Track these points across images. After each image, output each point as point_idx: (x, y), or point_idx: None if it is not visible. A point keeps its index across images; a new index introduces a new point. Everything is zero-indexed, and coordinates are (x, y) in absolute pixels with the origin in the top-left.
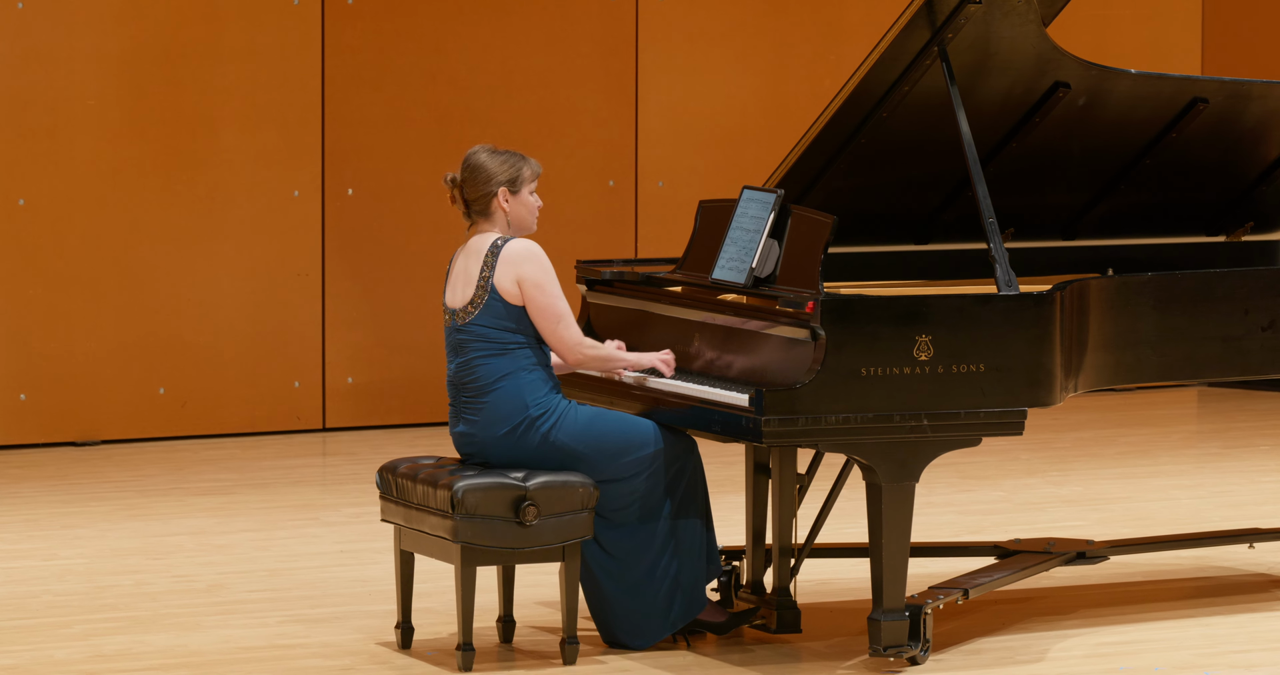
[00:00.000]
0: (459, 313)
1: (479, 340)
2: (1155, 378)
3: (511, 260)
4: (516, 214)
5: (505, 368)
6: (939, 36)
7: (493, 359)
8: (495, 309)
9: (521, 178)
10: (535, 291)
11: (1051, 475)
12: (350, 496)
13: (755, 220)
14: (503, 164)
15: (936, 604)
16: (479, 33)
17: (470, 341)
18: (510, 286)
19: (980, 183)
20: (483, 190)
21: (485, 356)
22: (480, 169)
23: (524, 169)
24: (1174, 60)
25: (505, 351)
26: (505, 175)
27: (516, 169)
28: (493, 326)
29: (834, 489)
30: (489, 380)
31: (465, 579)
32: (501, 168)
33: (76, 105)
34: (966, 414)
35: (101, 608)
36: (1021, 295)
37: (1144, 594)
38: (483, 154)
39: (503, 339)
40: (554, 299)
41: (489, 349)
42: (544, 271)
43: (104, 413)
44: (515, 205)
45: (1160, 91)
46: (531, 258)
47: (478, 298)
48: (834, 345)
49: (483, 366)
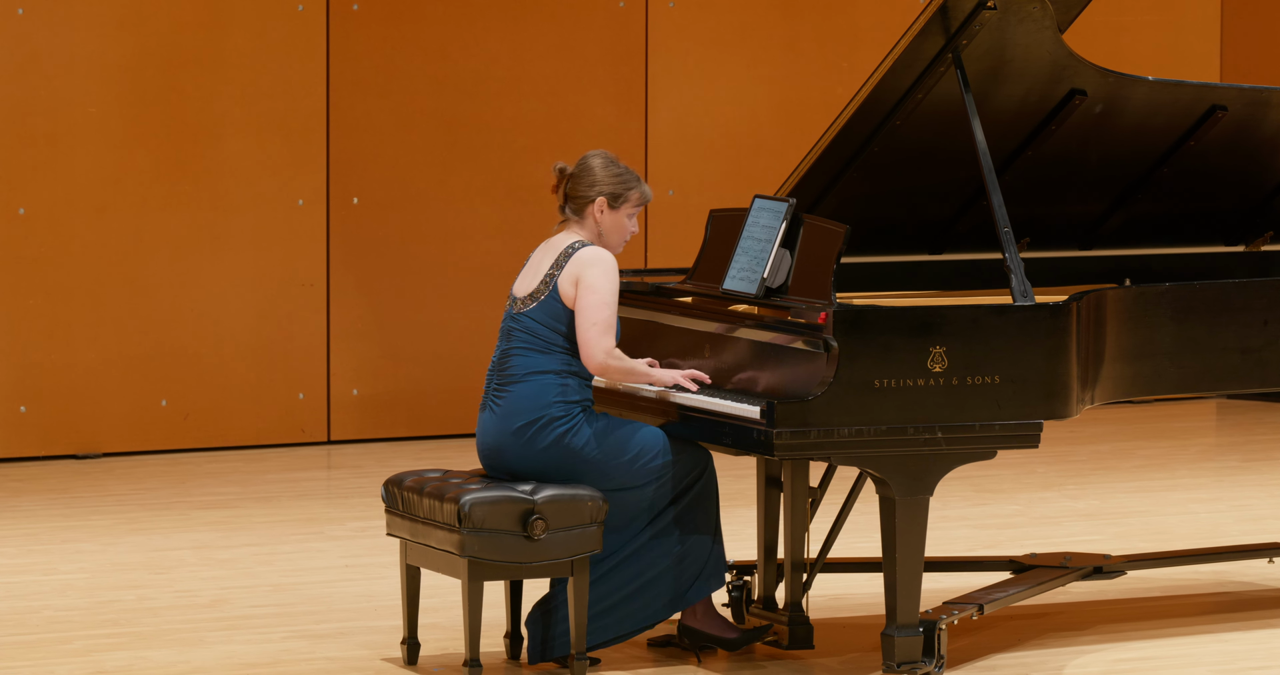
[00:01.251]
0: (519, 301)
1: (526, 333)
2: (1173, 390)
3: (580, 263)
4: (608, 229)
5: (542, 365)
6: (953, 43)
7: (533, 353)
8: (551, 308)
9: (626, 197)
10: (586, 292)
11: (1068, 489)
12: (355, 510)
13: (767, 230)
14: (614, 176)
15: (951, 620)
16: (487, 39)
17: (519, 332)
18: (569, 289)
19: (995, 191)
20: (584, 192)
21: (526, 349)
22: (590, 172)
23: (632, 190)
24: (1192, 67)
25: (547, 350)
26: (610, 188)
27: (625, 186)
28: (544, 323)
29: (847, 503)
30: (522, 371)
31: (472, 594)
32: (611, 179)
33: (77, 112)
34: (981, 426)
35: (103, 623)
36: (1037, 306)
37: (1162, 610)
38: (599, 158)
39: (549, 337)
40: (601, 304)
41: (533, 343)
42: (606, 278)
43: (105, 425)
44: (609, 219)
45: (1178, 99)
46: (598, 263)
47: (539, 292)
48: (847, 356)
49: (520, 357)
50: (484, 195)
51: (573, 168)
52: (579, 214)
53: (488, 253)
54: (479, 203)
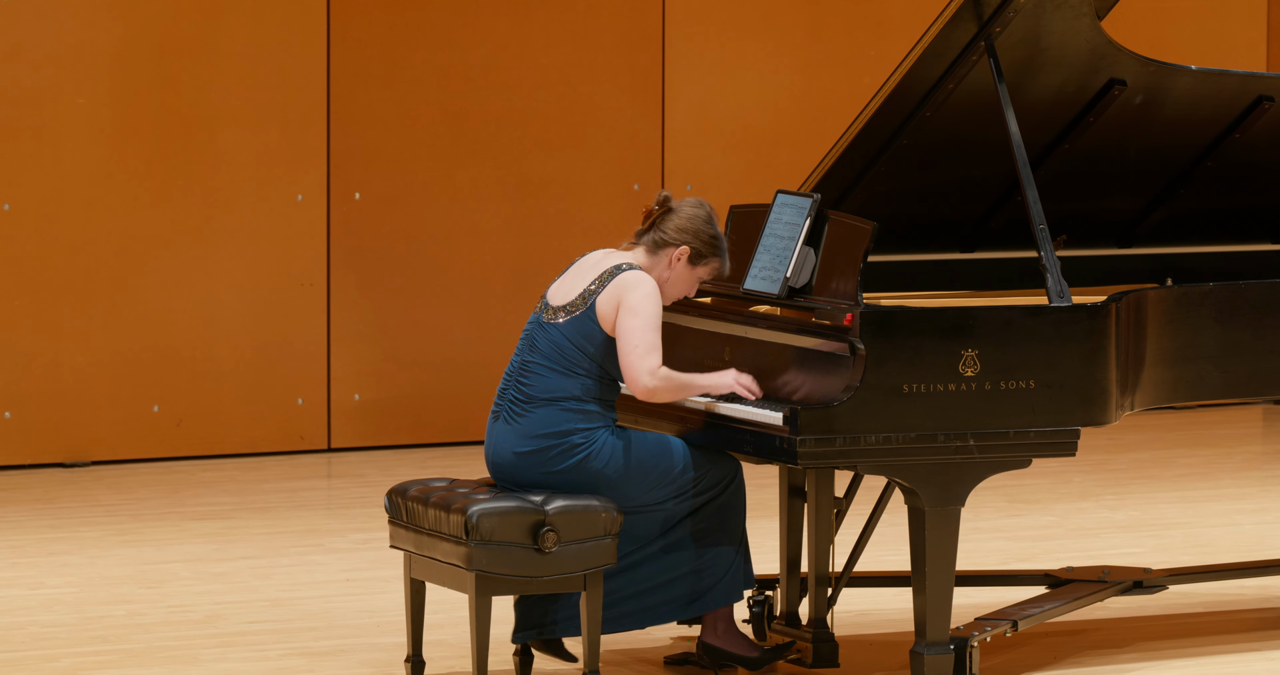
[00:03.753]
0: (551, 309)
1: (553, 347)
2: (1217, 395)
3: (623, 286)
4: (674, 279)
5: (564, 389)
6: (986, 30)
7: (556, 375)
8: (584, 326)
9: (709, 261)
10: (627, 315)
11: (1106, 499)
12: (357, 521)
13: (790, 227)
14: (711, 237)
15: (983, 636)
16: (495, 26)
17: (545, 344)
18: (608, 312)
19: (1030, 187)
20: (674, 235)
21: (550, 369)
22: (693, 220)
23: (715, 257)
24: (1237, 56)
25: (571, 372)
26: (698, 244)
27: (711, 250)
28: (572, 341)
29: (874, 514)
30: (543, 394)
31: (480, 609)
32: (702, 237)
33: (65, 103)
34: (1015, 434)
35: (91, 640)
36: (1074, 307)
37: (1205, 626)
38: (706, 210)
39: (574, 357)
40: (644, 327)
41: (557, 361)
42: (649, 300)
43: (94, 432)
44: (680, 271)
45: (1223, 89)
46: (640, 286)
47: (574, 306)
48: (874, 360)
49: (543, 379)
50: (492, 190)
51: (677, 202)
52: (655, 248)
53: (496, 251)
54: (487, 198)
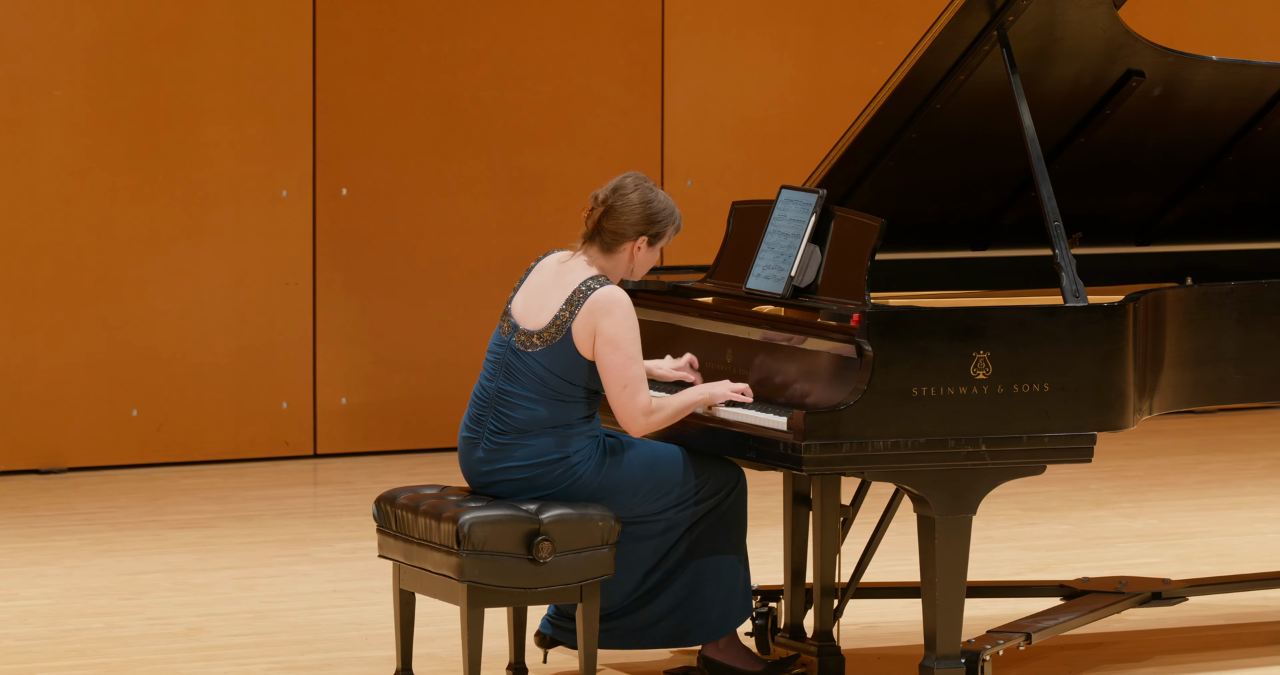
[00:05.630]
0: (524, 334)
1: (536, 379)
2: (1239, 398)
3: (596, 310)
4: (641, 263)
5: (554, 418)
6: (999, 19)
7: (540, 406)
8: (563, 355)
9: (665, 234)
10: (608, 349)
11: (1124, 507)
12: (344, 530)
13: (794, 224)
14: (661, 214)
15: (996, 650)
16: (488, 15)
17: (525, 374)
18: (585, 338)
19: (1044, 182)
20: (621, 231)
21: (533, 402)
22: (632, 210)
23: (669, 228)
24: (1259, 46)
25: (557, 401)
26: (652, 229)
27: (664, 225)
28: (556, 372)
29: (882, 522)
30: (531, 426)
31: (472, 622)
32: (652, 219)
33: (40, 95)
34: (1029, 439)
35: (68, 654)
36: (1090, 307)
37: (1226, 639)
38: (638, 193)
39: (560, 388)
40: (627, 361)
41: (543, 394)
42: (624, 328)
43: (71, 437)
44: (644, 257)
45: (1245, 80)
46: (612, 312)
47: (549, 335)
48: (882, 362)
49: (529, 411)
50: (485, 186)
51: (608, 196)
52: (609, 249)
53: (488, 248)
54: (479, 194)
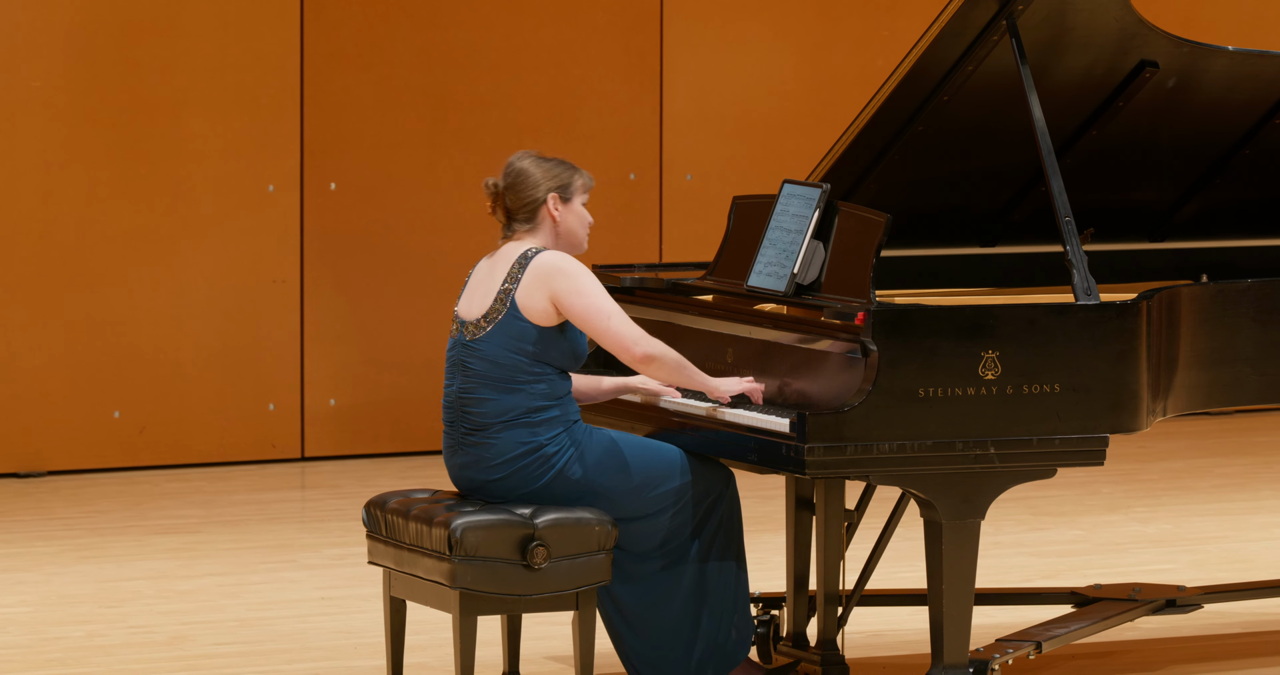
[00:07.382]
0: (469, 326)
1: (487, 364)
2: (1256, 399)
3: (540, 273)
4: (567, 225)
5: (512, 406)
6: (1008, 8)
7: (501, 395)
8: (512, 328)
9: (573, 186)
10: (574, 298)
11: (1137, 511)
12: (332, 535)
13: (797, 219)
14: (552, 169)
15: (1005, 659)
16: (481, 4)
17: (476, 364)
18: (536, 304)
19: (1055, 176)
20: (529, 196)
21: (492, 391)
22: (526, 175)
23: (575, 178)
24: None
25: (514, 388)
26: (556, 181)
27: (568, 176)
28: (507, 347)
29: (887, 527)
30: (494, 419)
31: (464, 630)
32: (551, 173)
33: (19, 87)
34: (1039, 441)
35: (48, 663)
36: (1103, 305)
37: (1242, 647)
38: (528, 158)
39: (511, 366)
40: (597, 298)
41: (497, 380)
42: (578, 276)
43: (50, 440)
44: (566, 214)
45: (1262, 71)
46: (560, 269)
47: (494, 312)
48: (887, 362)
49: (489, 403)
50: (478, 181)
51: (500, 178)
52: (530, 221)
53: (482, 245)
54: (472, 189)
